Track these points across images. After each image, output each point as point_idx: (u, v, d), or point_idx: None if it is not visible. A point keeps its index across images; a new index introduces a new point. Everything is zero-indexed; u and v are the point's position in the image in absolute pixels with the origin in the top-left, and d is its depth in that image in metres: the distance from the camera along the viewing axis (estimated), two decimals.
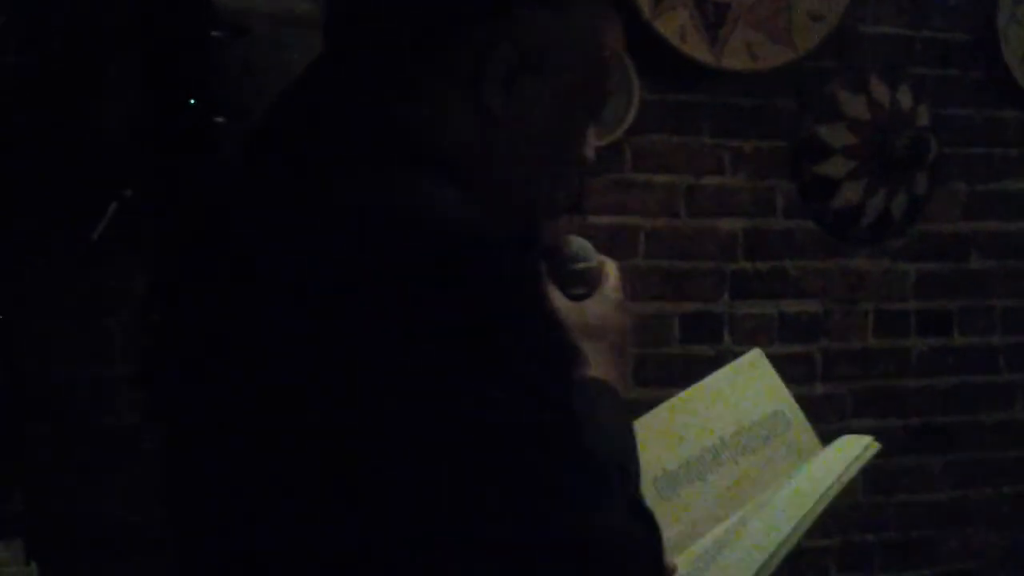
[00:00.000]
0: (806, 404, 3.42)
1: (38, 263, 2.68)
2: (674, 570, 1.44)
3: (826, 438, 3.52)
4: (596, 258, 1.41)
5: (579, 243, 1.41)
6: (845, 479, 1.60)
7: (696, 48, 3.23)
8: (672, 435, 1.66)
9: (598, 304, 1.37)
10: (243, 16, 2.26)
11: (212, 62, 2.24)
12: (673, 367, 3.26)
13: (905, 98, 3.49)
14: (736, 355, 3.30)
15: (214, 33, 2.25)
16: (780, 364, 3.34)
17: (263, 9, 2.30)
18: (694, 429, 1.68)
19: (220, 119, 2.27)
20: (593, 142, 1.31)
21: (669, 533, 1.41)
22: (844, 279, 3.48)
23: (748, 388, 1.74)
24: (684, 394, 1.71)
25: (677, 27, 3.21)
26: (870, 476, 3.47)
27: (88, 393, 2.78)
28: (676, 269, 3.30)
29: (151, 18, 2.30)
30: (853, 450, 1.66)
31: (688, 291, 3.31)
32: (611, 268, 1.41)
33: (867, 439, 1.67)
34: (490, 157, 1.22)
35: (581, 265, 1.40)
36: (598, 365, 1.33)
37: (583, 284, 1.40)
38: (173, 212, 2.07)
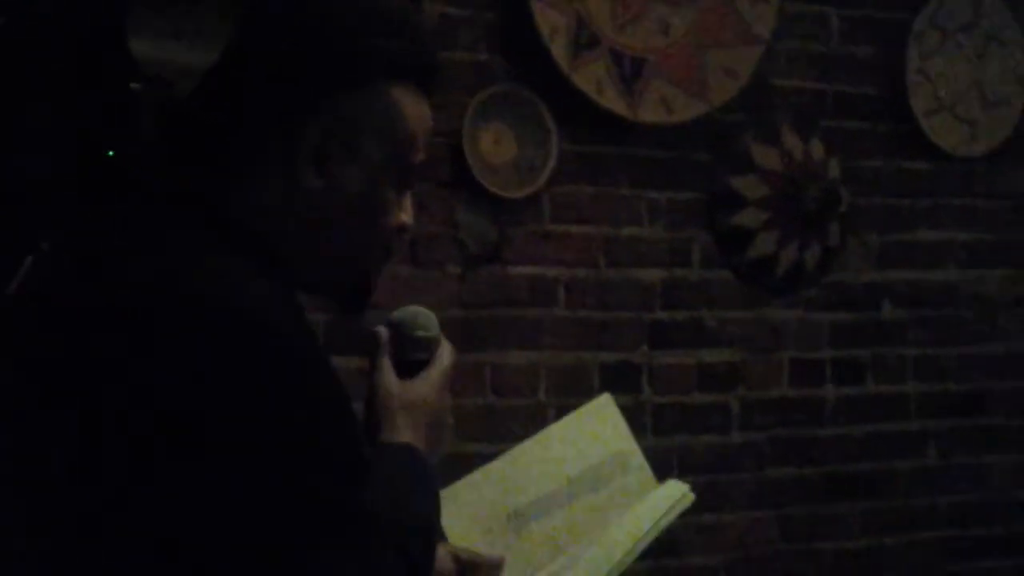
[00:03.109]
0: (724, 452, 3.49)
1: None
2: None
3: (743, 487, 3.57)
4: (437, 330, 1.53)
5: (423, 313, 1.53)
6: (663, 524, 1.77)
7: (613, 101, 3.27)
8: (527, 474, 1.81)
9: (422, 384, 1.49)
10: (162, 68, 2.25)
11: (132, 114, 2.23)
12: None
13: (817, 150, 3.55)
14: (656, 405, 3.37)
15: (133, 85, 2.24)
16: (698, 413, 3.42)
17: (182, 61, 2.29)
18: (547, 468, 1.82)
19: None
20: (409, 207, 1.43)
21: (516, 568, 1.67)
22: (760, 329, 3.52)
23: (596, 430, 1.88)
24: (539, 435, 1.86)
25: (594, 81, 3.25)
26: (787, 523, 3.50)
27: None
28: (595, 319, 3.32)
29: (71, 69, 2.29)
30: (672, 495, 1.82)
31: (607, 341, 3.33)
32: (447, 351, 1.53)
33: (684, 487, 1.83)
34: (302, 229, 1.35)
35: (420, 333, 1.52)
36: (410, 436, 1.46)
37: (422, 351, 1.51)
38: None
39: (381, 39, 1.37)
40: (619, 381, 3.31)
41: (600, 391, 3.28)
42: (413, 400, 1.47)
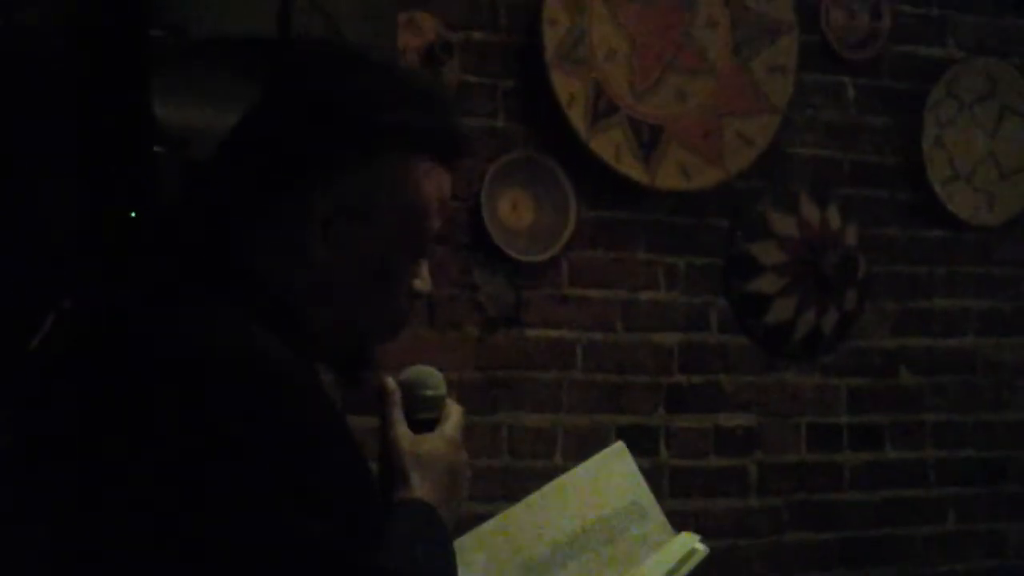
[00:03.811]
0: (742, 516, 3.49)
1: None
2: None
3: (761, 552, 3.56)
4: (444, 389, 1.54)
5: (428, 371, 1.54)
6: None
7: (631, 168, 3.31)
8: (541, 523, 1.78)
9: (433, 440, 1.49)
10: (185, 131, 2.29)
11: (154, 176, 2.28)
12: None
13: (834, 218, 3.58)
14: (673, 468, 3.37)
15: (156, 148, 2.28)
16: (716, 477, 3.42)
17: (204, 125, 2.33)
18: (561, 518, 1.80)
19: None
20: (425, 274, 1.45)
21: None
22: (778, 393, 3.53)
23: (610, 479, 1.85)
24: (552, 484, 1.83)
25: (612, 147, 3.29)
26: None
27: None
28: (612, 382, 3.35)
29: (94, 131, 2.34)
30: (682, 548, 1.80)
31: (624, 404, 3.35)
32: (455, 410, 1.53)
33: (694, 539, 1.81)
34: (307, 297, 1.37)
35: (429, 392, 1.53)
36: (424, 492, 1.46)
37: (430, 410, 1.52)
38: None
39: (396, 112, 1.38)
40: (636, 444, 3.28)
41: None
42: (427, 454, 1.47)
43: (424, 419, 1.52)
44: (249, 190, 1.37)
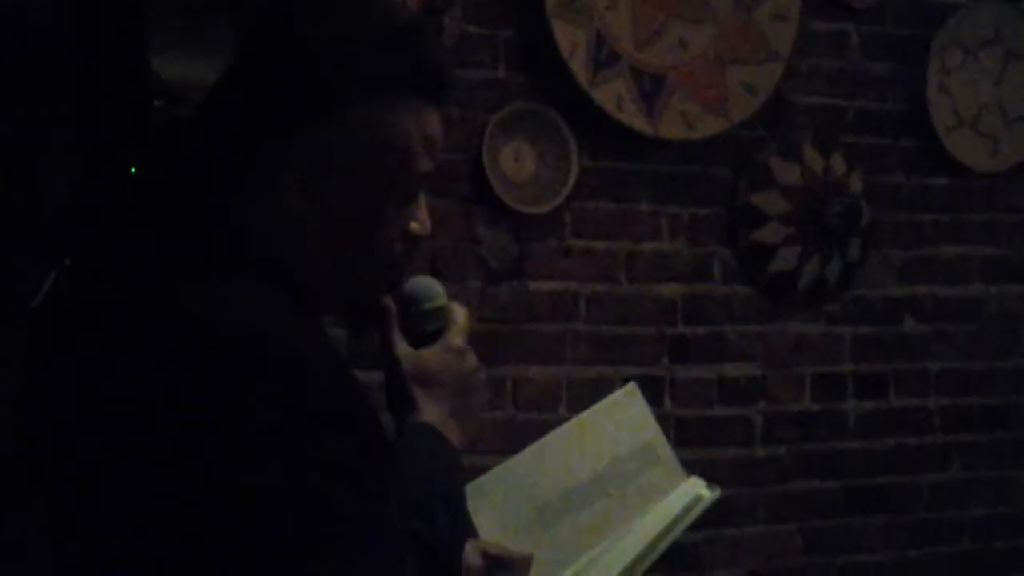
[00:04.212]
0: (746, 466, 3.49)
1: None
2: None
3: (766, 501, 3.57)
4: (444, 297, 1.51)
5: (426, 283, 1.51)
6: (680, 525, 1.75)
7: (633, 117, 3.30)
8: (554, 467, 1.78)
9: (435, 352, 1.47)
10: (184, 86, 2.28)
11: (153, 130, 2.27)
12: None
13: (838, 166, 3.57)
14: (678, 419, 3.38)
15: (156, 103, 2.27)
16: (720, 426, 3.43)
17: (204, 80, 2.32)
18: (573, 461, 1.79)
19: None
20: (422, 217, 1.42)
21: (544, 565, 1.62)
22: (782, 343, 3.53)
23: (622, 422, 1.84)
24: (564, 427, 1.83)
25: (614, 97, 3.27)
26: (809, 537, 3.50)
27: None
28: (616, 334, 3.34)
29: (94, 87, 2.32)
30: (687, 495, 1.80)
31: (628, 355, 3.35)
32: (460, 314, 1.50)
33: (700, 485, 1.81)
34: (295, 249, 1.35)
35: (427, 305, 1.49)
36: (430, 410, 1.44)
37: (434, 321, 1.49)
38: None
39: (373, 55, 1.35)
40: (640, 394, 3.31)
41: None
42: (430, 369, 1.45)
43: (429, 331, 1.48)
44: (226, 145, 1.35)
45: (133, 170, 2.24)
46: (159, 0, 2.32)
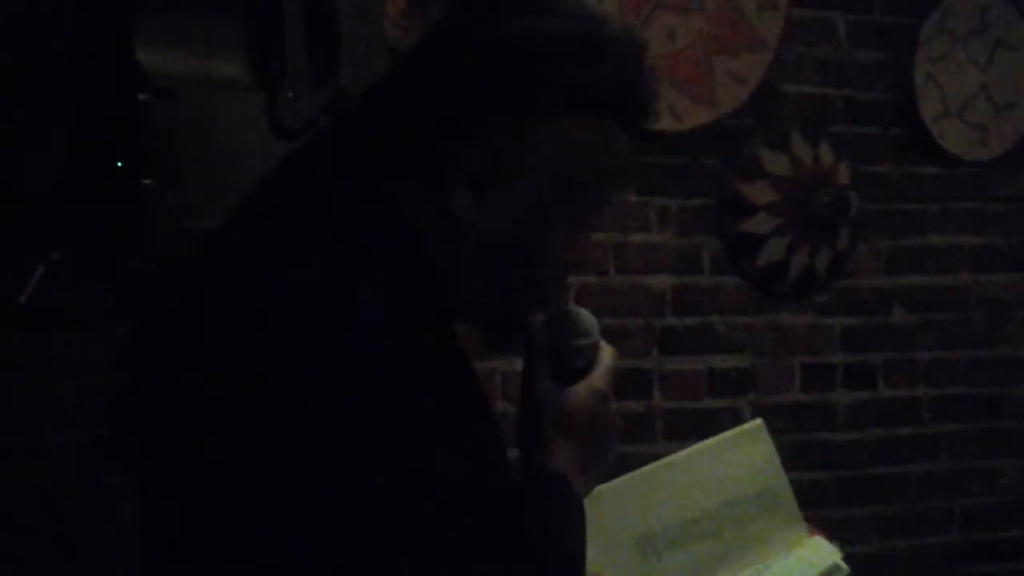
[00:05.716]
0: None
1: None
2: None
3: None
4: (598, 334, 1.43)
5: (587, 316, 1.42)
6: None
7: None
8: (663, 496, 1.67)
9: (578, 393, 1.38)
10: (171, 79, 2.26)
11: (139, 124, 2.25)
12: None
13: (826, 155, 3.56)
14: (665, 411, 3.36)
15: (141, 96, 2.25)
16: (709, 418, 3.41)
17: (191, 73, 2.30)
18: (686, 494, 1.68)
19: (148, 181, 2.26)
20: (585, 246, 1.34)
21: None
22: (771, 334, 3.52)
23: (743, 459, 1.73)
24: (681, 454, 1.72)
25: None
26: None
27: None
28: (605, 325, 3.30)
29: (78, 79, 2.30)
30: (822, 563, 1.71)
31: (617, 347, 3.31)
32: (607, 354, 1.43)
33: (838, 556, 1.72)
34: (456, 253, 1.27)
35: (580, 341, 1.41)
36: (562, 455, 1.35)
37: (583, 358, 1.41)
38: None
39: (577, 66, 1.26)
40: (629, 387, 3.31)
41: None
42: (570, 410, 1.37)
43: (574, 368, 1.40)
44: (399, 134, 1.27)
45: (118, 164, 2.22)
46: None
